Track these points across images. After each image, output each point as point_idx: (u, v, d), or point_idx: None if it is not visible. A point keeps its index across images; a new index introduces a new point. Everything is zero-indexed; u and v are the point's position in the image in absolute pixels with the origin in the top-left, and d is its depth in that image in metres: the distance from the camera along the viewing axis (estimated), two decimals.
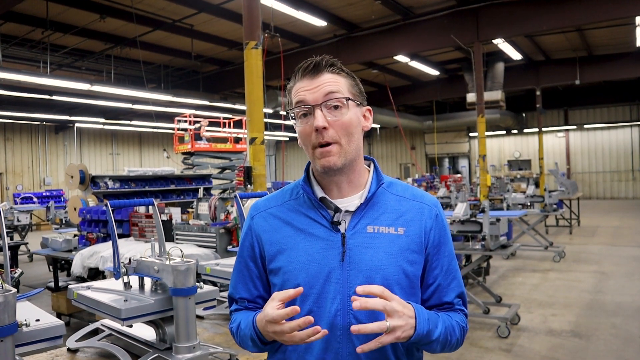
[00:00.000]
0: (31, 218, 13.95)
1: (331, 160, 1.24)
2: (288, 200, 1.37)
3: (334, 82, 1.26)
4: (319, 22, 11.60)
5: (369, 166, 1.39)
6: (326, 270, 1.24)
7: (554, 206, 10.66)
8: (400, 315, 1.12)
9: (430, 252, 1.31)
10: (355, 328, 1.09)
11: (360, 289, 1.11)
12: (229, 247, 5.27)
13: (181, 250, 2.18)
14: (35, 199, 17.32)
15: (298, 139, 1.32)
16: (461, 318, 1.34)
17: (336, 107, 1.25)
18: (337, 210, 1.28)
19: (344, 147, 1.25)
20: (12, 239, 9.89)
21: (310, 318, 1.12)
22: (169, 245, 2.26)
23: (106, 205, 2.29)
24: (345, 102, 1.25)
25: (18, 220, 11.54)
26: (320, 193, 1.31)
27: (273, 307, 1.17)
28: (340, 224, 1.27)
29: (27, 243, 10.34)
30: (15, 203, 16.70)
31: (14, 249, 7.72)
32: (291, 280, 1.26)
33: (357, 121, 1.29)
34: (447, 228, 1.36)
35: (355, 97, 1.30)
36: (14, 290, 1.64)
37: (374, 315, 1.21)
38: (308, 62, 1.28)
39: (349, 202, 1.30)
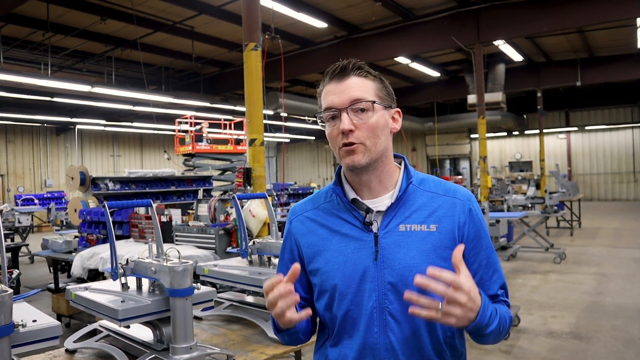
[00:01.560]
0: (32, 220, 13.97)
1: (355, 159, 1.28)
2: (323, 203, 1.42)
3: (360, 86, 1.30)
4: (320, 24, 11.61)
5: (400, 164, 1.42)
6: (361, 269, 1.29)
7: (555, 208, 10.64)
8: (462, 306, 1.11)
9: (466, 247, 1.31)
10: (418, 279, 1.10)
11: (430, 270, 1.10)
12: (228, 249, 5.27)
13: (178, 251, 2.18)
14: (36, 201, 17.36)
15: (328, 141, 1.36)
16: (507, 309, 1.35)
17: (362, 110, 1.29)
18: (368, 210, 1.32)
19: (368, 147, 1.28)
20: (13, 240, 9.92)
21: (289, 287, 1.19)
22: (166, 246, 2.26)
23: (104, 206, 2.29)
24: (371, 105, 1.29)
25: (19, 222, 11.57)
26: (351, 195, 1.36)
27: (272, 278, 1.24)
28: (372, 224, 1.31)
29: (28, 244, 10.35)
30: (17, 205, 16.74)
31: (15, 250, 7.72)
32: (329, 281, 1.33)
33: (384, 123, 1.32)
34: (482, 221, 1.37)
35: (382, 100, 1.33)
36: (10, 290, 1.65)
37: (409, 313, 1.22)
38: (335, 65, 1.32)
39: (380, 202, 1.34)
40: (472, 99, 14.39)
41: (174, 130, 15.74)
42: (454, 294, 1.10)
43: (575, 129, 24.26)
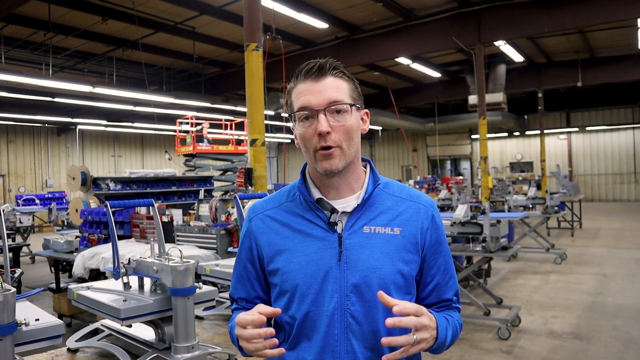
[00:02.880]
0: (33, 220, 13.98)
1: (333, 163, 1.25)
2: (285, 202, 1.38)
3: (336, 87, 1.27)
4: (321, 24, 11.62)
5: (365, 167, 1.40)
6: (324, 270, 1.26)
7: (556, 208, 10.65)
8: (427, 329, 1.17)
9: (427, 252, 1.34)
10: (385, 341, 1.13)
11: (397, 308, 1.12)
12: (230, 248, 5.28)
13: (180, 251, 2.19)
14: (37, 201, 17.39)
15: (296, 140, 1.34)
16: (458, 316, 1.40)
17: (339, 111, 1.26)
18: (333, 211, 1.30)
19: (344, 150, 1.26)
20: (14, 240, 9.93)
21: (271, 330, 1.17)
22: (168, 246, 2.26)
23: (106, 205, 2.30)
24: (348, 108, 1.27)
25: (20, 222, 11.59)
26: (317, 194, 1.32)
27: (248, 312, 1.20)
28: (336, 224, 1.28)
29: (29, 244, 10.36)
30: (18, 205, 16.77)
31: (16, 250, 7.72)
32: (290, 281, 1.29)
33: (358, 125, 1.31)
34: (442, 228, 1.40)
35: (356, 102, 1.31)
36: (13, 289, 1.65)
37: (371, 315, 1.24)
38: (311, 64, 1.29)
39: (346, 202, 1.31)
40: (472, 99, 14.40)
41: (175, 131, 15.74)
42: (421, 320, 1.15)
43: (576, 129, 24.24)
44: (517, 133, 25.29)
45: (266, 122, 6.48)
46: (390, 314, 1.15)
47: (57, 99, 15.29)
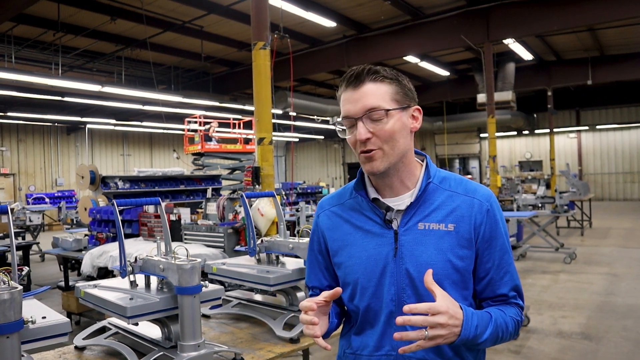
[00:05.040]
0: (43, 218, 14.10)
1: (374, 165, 1.32)
2: (348, 200, 1.48)
3: (373, 93, 1.31)
4: (328, 23, 11.60)
5: (422, 161, 1.44)
6: (382, 264, 1.36)
7: (565, 207, 10.56)
8: (444, 326, 1.18)
9: (480, 246, 1.35)
10: (400, 320, 1.16)
11: (407, 307, 1.16)
12: (237, 247, 5.28)
13: (186, 249, 2.19)
14: (47, 200, 17.51)
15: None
16: (516, 312, 1.38)
17: (377, 117, 1.31)
18: (389, 209, 1.38)
19: (387, 152, 1.32)
20: (24, 238, 10.00)
21: (315, 320, 1.26)
22: (175, 245, 2.26)
23: (113, 203, 2.30)
24: (384, 114, 1.31)
25: (30, 221, 11.67)
26: (372, 194, 1.41)
27: (311, 299, 1.31)
28: (392, 222, 1.37)
29: (39, 243, 10.44)
30: (28, 203, 16.90)
31: (26, 248, 7.79)
32: (351, 275, 1.41)
33: (401, 127, 1.34)
34: (499, 222, 1.38)
35: (399, 103, 1.34)
36: (20, 287, 1.66)
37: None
38: (351, 71, 1.34)
39: (401, 200, 1.38)
40: (481, 98, 14.31)
41: (183, 130, 15.79)
42: (434, 319, 1.16)
43: (586, 128, 24.05)
44: (526, 132, 25.14)
45: (274, 120, 6.49)
46: None
47: (66, 99, 15.40)
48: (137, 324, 2.23)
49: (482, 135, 26.04)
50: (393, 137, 1.31)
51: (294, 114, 16.70)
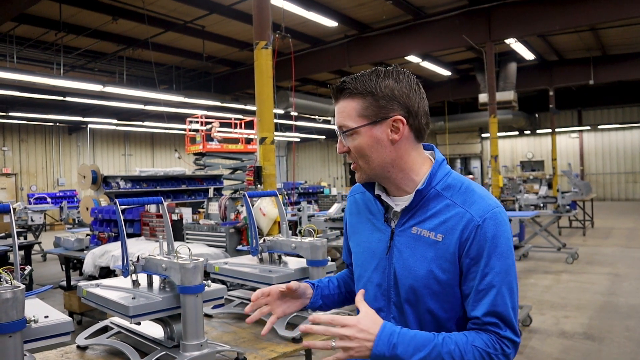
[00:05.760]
0: (45, 218, 14.10)
1: (357, 177, 1.39)
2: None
3: (342, 112, 1.34)
4: (330, 23, 11.60)
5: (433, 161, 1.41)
6: (377, 259, 1.40)
7: (567, 207, 10.54)
8: (351, 339, 1.19)
9: (464, 262, 1.26)
10: (302, 327, 1.25)
11: (311, 317, 1.26)
12: (239, 247, 5.27)
13: (189, 249, 2.18)
14: (48, 199, 17.51)
15: None
16: (488, 342, 1.22)
17: (348, 135, 1.35)
18: (388, 208, 1.41)
19: (362, 167, 1.36)
20: (26, 238, 10.00)
21: (267, 309, 1.52)
22: (177, 244, 2.26)
23: (115, 203, 2.30)
24: (351, 133, 1.33)
25: (32, 220, 11.67)
26: (377, 190, 1.43)
27: (270, 287, 1.55)
28: (391, 220, 1.40)
29: (41, 242, 10.44)
30: (30, 203, 16.91)
31: (28, 248, 7.79)
32: (356, 261, 1.50)
33: (372, 142, 1.31)
34: (490, 241, 1.25)
35: (368, 119, 1.30)
36: (23, 286, 1.65)
37: (402, 310, 1.35)
38: (336, 84, 1.37)
39: (402, 201, 1.38)
40: (483, 97, 14.30)
41: (184, 130, 15.81)
42: (338, 330, 1.20)
43: (588, 128, 24.03)
44: (528, 131, 25.12)
45: (275, 120, 6.48)
46: (418, 315, 1.31)
47: (68, 98, 15.42)
48: (139, 324, 2.22)
49: (483, 135, 26.03)
50: (363, 153, 1.33)
51: (296, 113, 16.69)
